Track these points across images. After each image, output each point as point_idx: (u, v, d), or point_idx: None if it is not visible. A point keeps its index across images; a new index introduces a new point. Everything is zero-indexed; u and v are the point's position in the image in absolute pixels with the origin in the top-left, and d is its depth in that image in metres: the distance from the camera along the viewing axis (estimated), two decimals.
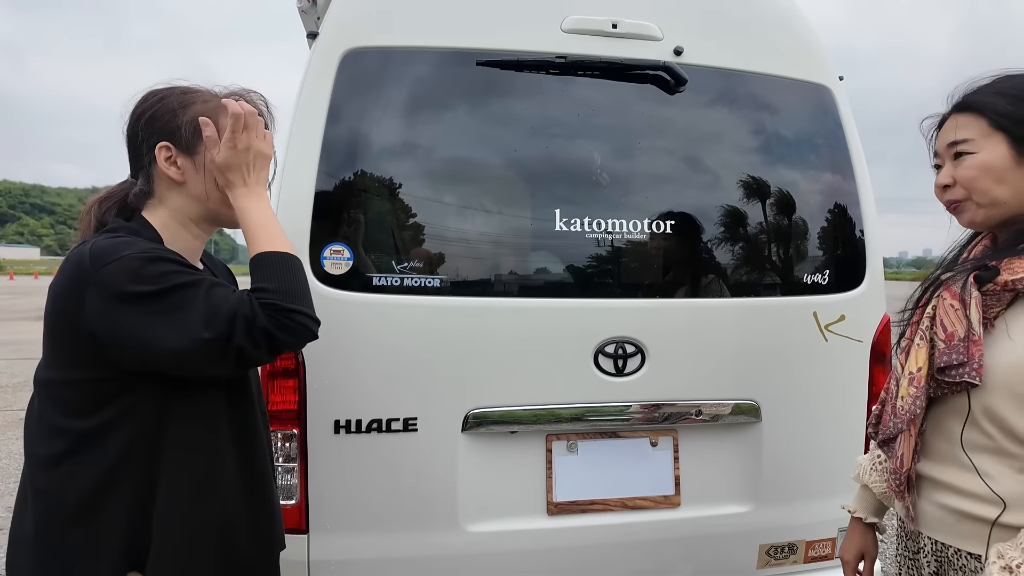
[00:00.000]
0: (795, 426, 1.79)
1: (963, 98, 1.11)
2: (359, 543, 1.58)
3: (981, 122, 1.07)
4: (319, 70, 1.59)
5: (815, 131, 1.86)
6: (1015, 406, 1.00)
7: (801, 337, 1.77)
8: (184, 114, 1.12)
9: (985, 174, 1.06)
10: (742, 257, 1.79)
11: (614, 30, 1.71)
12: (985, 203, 1.07)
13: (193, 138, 1.12)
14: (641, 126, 1.75)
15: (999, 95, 1.07)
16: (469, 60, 1.65)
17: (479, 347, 1.60)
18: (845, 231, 1.86)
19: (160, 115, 1.13)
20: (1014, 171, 1.05)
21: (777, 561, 1.83)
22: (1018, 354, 1.00)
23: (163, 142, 1.12)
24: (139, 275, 0.99)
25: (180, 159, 1.13)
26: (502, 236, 1.67)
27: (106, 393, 1.03)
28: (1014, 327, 1.02)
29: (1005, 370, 1.01)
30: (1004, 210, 1.07)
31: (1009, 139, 1.05)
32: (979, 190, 1.07)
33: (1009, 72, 1.10)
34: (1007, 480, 1.02)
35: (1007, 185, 1.05)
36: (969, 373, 1.02)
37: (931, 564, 1.13)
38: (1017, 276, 1.01)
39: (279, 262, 1.09)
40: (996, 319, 1.05)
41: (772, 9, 1.87)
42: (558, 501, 1.66)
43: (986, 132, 1.06)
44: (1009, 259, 1.03)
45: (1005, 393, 1.01)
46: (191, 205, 1.15)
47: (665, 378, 1.69)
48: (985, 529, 1.03)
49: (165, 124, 1.12)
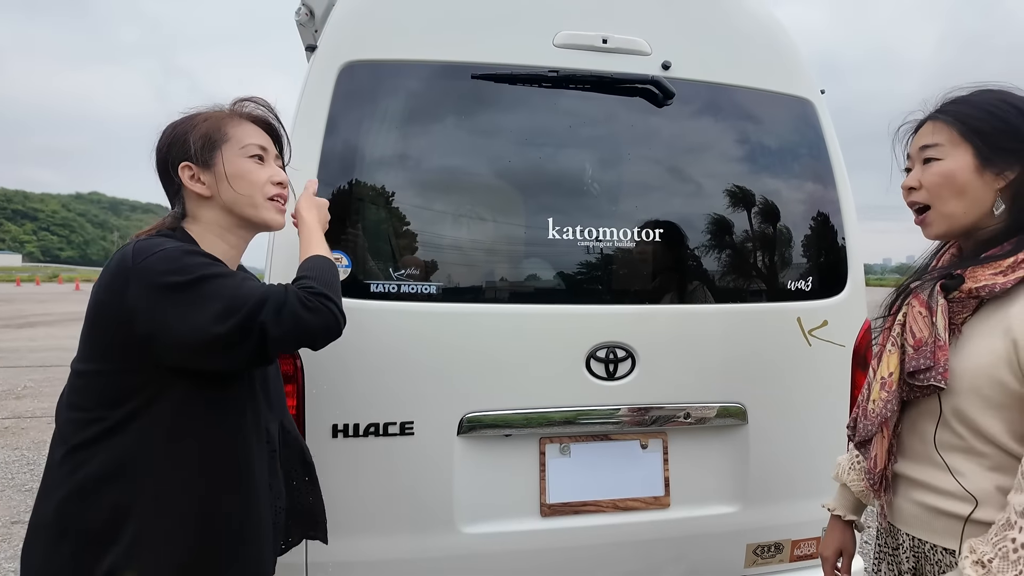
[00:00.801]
0: (780, 428, 1.85)
1: (941, 105, 1.16)
2: (356, 545, 1.61)
3: (952, 130, 1.12)
4: (318, 82, 1.63)
5: (798, 142, 1.93)
6: (982, 407, 1.05)
7: (786, 342, 1.83)
8: (194, 133, 1.20)
9: (948, 182, 1.11)
10: (728, 264, 1.84)
11: (604, 45, 1.77)
12: (945, 213, 1.13)
13: (207, 152, 1.19)
14: (631, 138, 1.80)
15: (974, 107, 1.12)
16: (464, 73, 1.69)
17: (474, 352, 1.64)
18: (827, 239, 1.92)
19: (176, 141, 1.21)
20: (975, 182, 1.10)
21: (764, 560, 1.88)
22: (982, 358, 1.05)
23: (184, 162, 1.19)
24: (177, 265, 1.06)
25: (202, 174, 1.20)
26: (496, 244, 1.72)
27: (132, 385, 1.08)
28: (978, 332, 1.08)
29: (971, 373, 1.06)
30: (962, 221, 1.12)
31: (974, 150, 1.10)
32: (940, 197, 1.12)
33: (988, 86, 1.14)
34: (978, 478, 1.07)
35: (965, 197, 1.10)
36: (935, 377, 1.07)
37: (909, 560, 1.18)
38: (980, 284, 1.06)
39: (323, 263, 1.23)
40: (963, 325, 1.10)
41: (757, 25, 1.94)
42: (551, 503, 1.70)
43: (955, 141, 1.11)
44: (972, 268, 1.08)
45: (972, 395, 1.06)
46: (221, 215, 1.22)
47: (655, 382, 1.73)
48: (959, 525, 1.08)
49: (181, 147, 1.20)
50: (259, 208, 1.22)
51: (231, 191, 1.20)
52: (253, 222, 1.24)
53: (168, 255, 1.07)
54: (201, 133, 1.19)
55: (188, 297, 1.05)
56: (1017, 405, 1.02)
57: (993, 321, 1.06)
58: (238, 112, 1.26)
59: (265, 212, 1.23)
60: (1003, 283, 1.04)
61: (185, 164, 1.19)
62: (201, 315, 1.04)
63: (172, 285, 1.05)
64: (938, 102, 1.17)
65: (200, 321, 1.04)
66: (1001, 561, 0.95)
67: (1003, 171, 1.09)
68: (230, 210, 1.22)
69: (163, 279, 1.05)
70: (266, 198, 1.23)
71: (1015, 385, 1.02)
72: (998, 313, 1.06)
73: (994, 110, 1.10)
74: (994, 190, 1.10)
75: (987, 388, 1.04)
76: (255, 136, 1.24)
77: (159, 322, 1.05)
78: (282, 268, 1.57)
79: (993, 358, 1.04)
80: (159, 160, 1.23)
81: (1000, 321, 1.05)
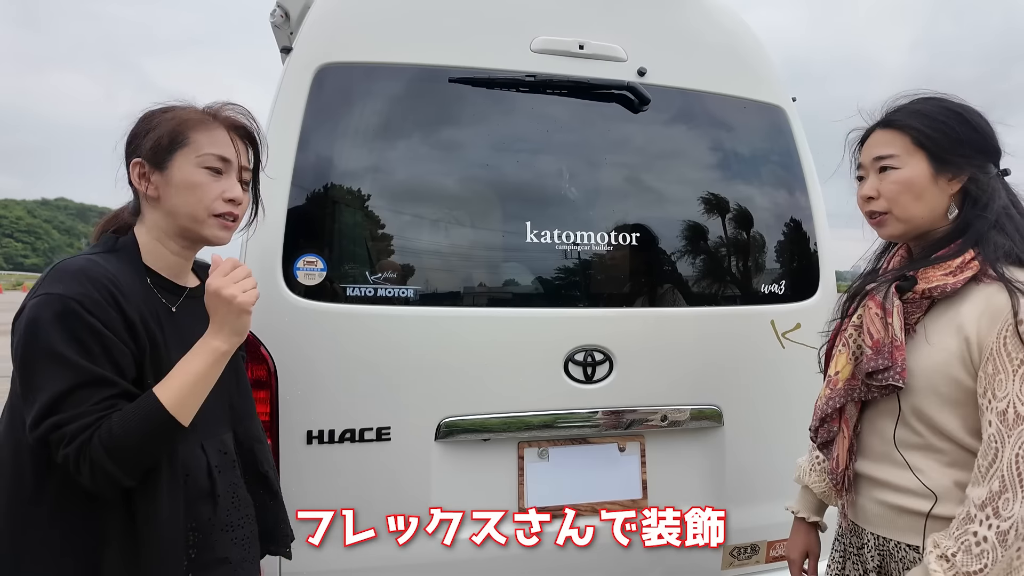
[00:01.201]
0: (756, 430, 1.87)
1: (887, 115, 1.20)
2: (332, 553, 1.58)
3: (905, 139, 1.16)
4: (293, 85, 1.62)
5: (770, 149, 1.97)
6: (939, 405, 1.09)
7: (760, 344, 1.85)
8: (156, 131, 1.14)
9: (906, 189, 1.15)
10: (704, 268, 1.87)
11: (581, 51, 1.79)
12: (903, 217, 1.17)
13: (161, 153, 1.13)
14: (607, 142, 1.82)
15: (920, 115, 1.16)
16: (441, 77, 1.69)
17: (452, 356, 1.63)
18: (799, 243, 1.96)
19: (136, 134, 1.16)
20: (931, 188, 1.14)
21: (740, 562, 1.89)
22: (937, 356, 1.09)
23: (136, 159, 1.15)
24: (55, 324, 1.01)
25: (153, 175, 1.15)
26: (474, 248, 1.71)
27: None
28: (932, 331, 1.11)
29: (927, 372, 1.09)
30: (919, 224, 1.16)
31: (929, 157, 1.14)
32: (900, 204, 1.16)
33: (926, 94, 1.20)
34: (936, 474, 1.10)
35: (924, 202, 1.15)
36: (893, 376, 1.10)
37: (875, 558, 1.20)
38: (932, 284, 1.10)
39: (146, 413, 1.04)
40: (917, 324, 1.14)
41: (730, 34, 1.97)
42: (529, 507, 1.69)
43: (909, 149, 1.15)
44: (924, 269, 1.12)
45: (929, 393, 1.09)
46: (164, 219, 1.17)
47: (632, 385, 1.74)
48: (921, 522, 1.11)
49: (141, 142, 1.15)
50: (201, 224, 1.15)
51: (174, 199, 1.14)
52: (192, 234, 1.17)
53: (51, 303, 1.02)
54: (160, 132, 1.14)
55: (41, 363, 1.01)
56: (971, 401, 1.06)
57: (945, 320, 1.10)
58: (212, 114, 1.18)
59: (207, 229, 1.15)
60: (953, 283, 1.08)
61: (137, 161, 1.15)
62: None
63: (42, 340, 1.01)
64: (883, 111, 1.21)
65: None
66: (965, 555, 0.98)
67: (955, 176, 1.14)
68: (171, 218, 1.16)
69: (39, 328, 1.02)
70: (211, 214, 1.15)
71: (969, 381, 1.05)
72: (949, 312, 1.10)
73: (943, 118, 1.15)
74: (948, 195, 1.14)
75: (943, 386, 1.08)
76: (219, 145, 1.16)
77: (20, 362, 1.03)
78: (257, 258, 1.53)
79: (947, 356, 1.07)
80: (125, 150, 1.19)
81: (952, 320, 1.08)
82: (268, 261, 1.53)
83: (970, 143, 1.13)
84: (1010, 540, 0.96)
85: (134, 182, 1.16)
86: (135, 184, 1.16)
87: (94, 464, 0.99)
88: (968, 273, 1.07)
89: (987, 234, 1.09)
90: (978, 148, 1.14)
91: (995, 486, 0.98)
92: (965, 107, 1.16)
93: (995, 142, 1.16)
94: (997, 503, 0.97)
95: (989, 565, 0.96)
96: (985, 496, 0.98)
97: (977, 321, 1.04)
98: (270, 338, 1.52)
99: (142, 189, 1.15)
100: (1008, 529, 0.96)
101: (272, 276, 1.53)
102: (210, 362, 1.08)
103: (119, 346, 1.05)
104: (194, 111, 1.19)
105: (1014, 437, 0.97)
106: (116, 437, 0.99)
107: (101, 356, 1.03)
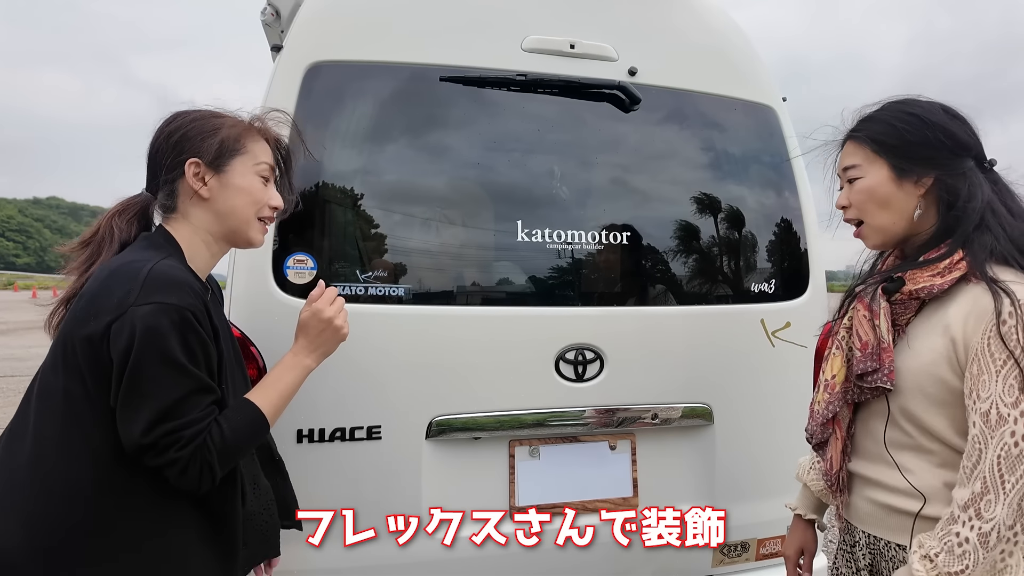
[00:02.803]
0: (745, 428, 1.88)
1: (855, 124, 1.22)
2: (324, 552, 1.58)
3: (866, 149, 1.17)
4: (283, 83, 1.62)
5: (761, 149, 1.98)
6: (927, 406, 1.09)
7: (750, 343, 1.86)
8: (215, 135, 1.20)
9: (870, 197, 1.17)
10: (694, 267, 1.87)
11: (572, 50, 1.79)
12: (876, 226, 1.18)
13: (222, 157, 1.19)
14: (598, 142, 1.82)
15: (881, 123, 1.17)
16: (432, 76, 1.69)
17: (443, 355, 1.63)
18: (789, 243, 1.97)
19: (192, 135, 1.20)
20: (896, 193, 1.15)
21: (730, 559, 1.90)
22: (924, 357, 1.09)
23: (193, 158, 1.18)
24: (173, 333, 1.05)
25: (208, 176, 1.19)
26: (465, 246, 1.72)
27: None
28: (921, 332, 1.12)
29: (914, 372, 1.10)
30: (893, 231, 1.17)
31: (889, 164, 1.15)
32: (868, 212, 1.18)
33: (893, 99, 1.20)
34: (926, 475, 1.10)
35: (891, 209, 1.16)
36: (880, 378, 1.11)
37: (866, 556, 1.21)
38: (919, 286, 1.11)
39: (250, 420, 1.16)
40: (908, 325, 1.14)
41: (721, 34, 1.98)
42: (521, 505, 1.70)
43: (870, 158, 1.17)
44: (912, 271, 1.13)
45: (918, 394, 1.10)
46: (214, 222, 1.22)
47: (623, 383, 1.75)
48: (910, 521, 1.11)
49: (198, 144, 1.19)
50: (250, 225, 1.23)
51: (231, 201, 1.20)
52: (238, 236, 1.25)
53: (168, 312, 1.05)
54: (222, 136, 1.20)
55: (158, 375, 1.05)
56: (959, 402, 1.06)
57: (933, 321, 1.10)
58: (256, 127, 1.27)
59: (253, 231, 1.25)
60: (940, 284, 1.08)
61: (194, 160, 1.18)
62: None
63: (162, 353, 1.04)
64: (852, 121, 1.23)
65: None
66: (947, 555, 0.98)
67: (920, 179, 1.14)
68: (223, 219, 1.21)
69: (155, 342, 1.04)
70: (258, 218, 1.25)
71: (956, 382, 1.06)
72: (938, 313, 1.10)
73: (899, 123, 1.15)
74: (917, 197, 1.15)
75: (930, 386, 1.08)
76: (268, 155, 1.26)
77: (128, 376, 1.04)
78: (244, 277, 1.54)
79: (934, 356, 1.08)
80: (161, 146, 1.21)
81: (940, 320, 1.09)
82: (258, 259, 1.53)
83: (931, 144, 1.12)
84: (992, 542, 0.96)
85: (189, 180, 1.18)
86: (190, 181, 1.18)
87: (204, 465, 1.06)
88: (956, 274, 1.07)
89: (972, 234, 1.09)
90: (943, 148, 1.12)
91: (977, 488, 0.98)
92: (928, 107, 1.15)
93: (964, 137, 1.14)
94: (979, 505, 0.97)
95: (971, 566, 0.96)
96: (968, 497, 0.99)
97: (964, 322, 1.05)
98: (260, 337, 1.52)
99: (197, 188, 1.19)
100: (990, 531, 0.96)
101: (262, 274, 1.53)
102: (301, 377, 1.25)
103: (214, 355, 1.13)
104: (242, 123, 1.25)
105: (996, 438, 0.98)
106: (227, 441, 1.09)
107: (203, 364, 1.10)
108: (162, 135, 1.22)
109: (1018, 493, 0.96)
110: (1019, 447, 0.96)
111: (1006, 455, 0.96)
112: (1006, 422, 0.97)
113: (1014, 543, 0.95)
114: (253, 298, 1.54)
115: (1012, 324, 0.99)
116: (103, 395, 1.05)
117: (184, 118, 1.22)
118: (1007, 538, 0.96)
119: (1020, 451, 0.96)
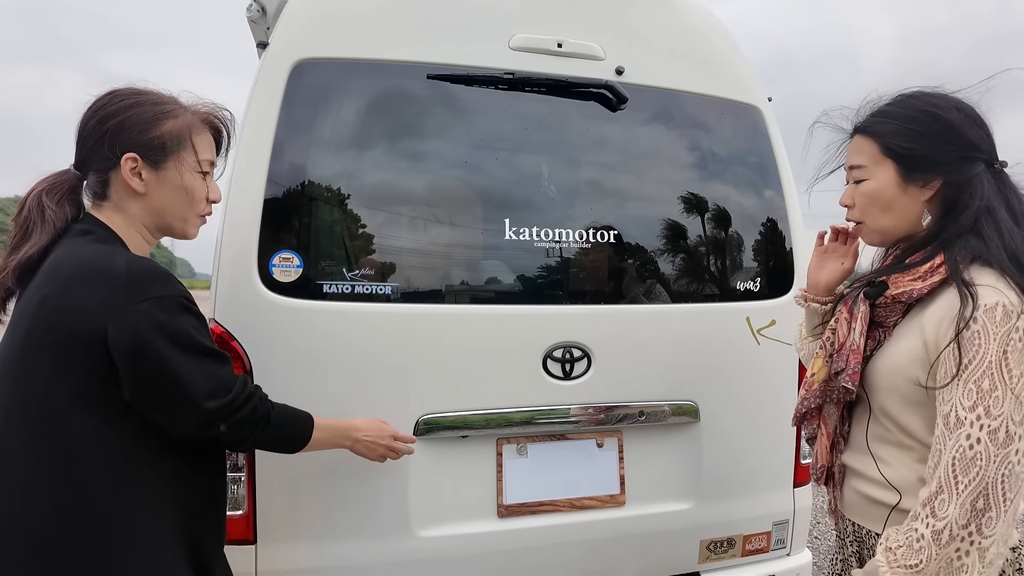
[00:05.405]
0: (731, 425, 1.89)
1: (866, 118, 1.19)
2: (309, 552, 1.57)
3: (875, 147, 1.15)
4: (269, 80, 1.60)
5: (746, 148, 1.99)
6: (903, 405, 1.11)
7: (736, 341, 1.87)
8: (156, 128, 1.14)
9: (873, 201, 1.16)
10: (680, 266, 1.89)
11: (559, 49, 1.79)
12: (875, 228, 1.19)
13: (162, 153, 1.15)
14: (585, 141, 1.83)
15: (892, 119, 1.14)
16: (419, 73, 1.69)
17: (430, 353, 1.63)
18: (775, 241, 1.99)
19: (130, 125, 1.13)
20: (901, 197, 1.14)
21: (717, 556, 1.92)
22: (900, 358, 1.11)
23: (130, 153, 1.13)
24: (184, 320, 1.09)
25: (145, 171, 1.15)
26: (452, 245, 1.71)
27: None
28: (900, 335, 1.13)
29: (890, 372, 1.12)
30: (894, 233, 1.18)
31: (897, 166, 1.13)
32: (869, 215, 1.18)
33: (908, 91, 1.17)
34: (904, 469, 1.12)
35: (893, 212, 1.15)
36: (844, 379, 1.13)
37: (853, 544, 1.24)
38: (899, 291, 1.12)
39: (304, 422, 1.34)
40: (895, 327, 1.16)
41: (706, 35, 1.99)
42: (508, 503, 1.70)
43: (877, 158, 1.15)
44: (895, 275, 1.13)
45: (894, 393, 1.12)
46: (148, 215, 1.18)
47: (610, 381, 1.75)
48: (887, 513, 1.14)
49: (136, 136, 1.13)
50: (187, 222, 1.23)
51: (169, 200, 1.17)
52: (173, 230, 1.23)
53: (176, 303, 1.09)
54: (163, 131, 1.15)
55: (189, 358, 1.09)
56: (933, 403, 1.07)
57: (913, 323, 1.12)
58: (201, 117, 1.23)
59: (190, 227, 1.23)
60: (920, 288, 1.09)
61: (131, 156, 1.13)
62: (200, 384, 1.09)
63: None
64: (863, 113, 1.19)
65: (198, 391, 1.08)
66: (907, 549, 1.01)
67: (928, 182, 1.12)
68: (158, 215, 1.19)
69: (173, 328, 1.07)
70: (197, 215, 1.23)
71: (929, 383, 1.07)
72: (918, 316, 1.11)
73: (912, 124, 1.11)
74: (921, 202, 1.13)
75: (904, 386, 1.10)
76: (210, 150, 1.24)
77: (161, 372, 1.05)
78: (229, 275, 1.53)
79: (910, 358, 1.09)
80: (94, 129, 1.13)
81: (918, 323, 1.10)
82: (243, 257, 1.52)
83: (942, 149, 1.09)
84: (944, 539, 0.97)
85: (124, 175, 1.13)
86: (125, 177, 1.13)
87: (261, 422, 1.18)
88: (936, 278, 1.07)
89: (956, 239, 1.07)
90: (954, 152, 1.09)
91: (934, 487, 1.00)
92: (943, 106, 1.11)
93: (977, 140, 1.10)
94: (935, 503, 0.99)
95: (924, 562, 0.98)
96: (927, 496, 1.01)
97: (937, 325, 1.05)
98: (245, 335, 1.51)
99: (132, 184, 1.14)
100: (942, 529, 0.97)
101: (247, 273, 1.52)
102: (337, 445, 1.43)
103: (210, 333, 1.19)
104: (186, 112, 1.20)
105: (952, 440, 0.99)
106: (280, 415, 1.23)
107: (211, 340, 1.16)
108: (95, 117, 1.13)
109: (971, 494, 0.97)
110: (974, 450, 0.97)
111: (960, 457, 0.98)
112: (963, 425, 0.98)
113: (969, 542, 0.97)
114: (239, 296, 1.52)
115: (975, 329, 0.99)
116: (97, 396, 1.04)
117: (120, 102, 1.14)
118: (961, 537, 0.97)
119: (975, 453, 0.97)
